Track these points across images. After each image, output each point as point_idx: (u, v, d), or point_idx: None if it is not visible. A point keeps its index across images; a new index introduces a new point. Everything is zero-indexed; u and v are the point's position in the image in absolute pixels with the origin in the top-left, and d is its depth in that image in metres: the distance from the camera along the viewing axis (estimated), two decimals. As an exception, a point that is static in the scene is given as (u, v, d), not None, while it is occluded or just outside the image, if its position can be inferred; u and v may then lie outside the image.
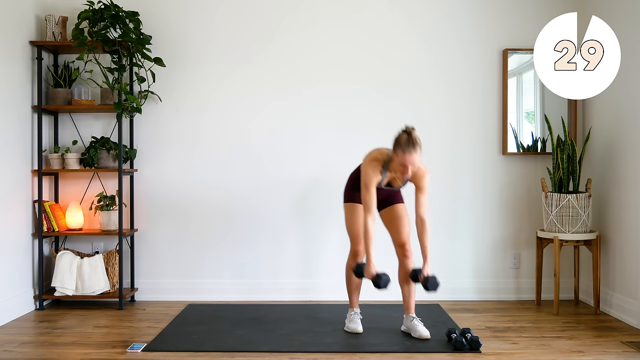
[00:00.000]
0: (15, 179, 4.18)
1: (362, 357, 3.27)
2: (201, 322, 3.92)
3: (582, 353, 3.33)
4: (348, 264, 3.77)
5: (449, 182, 4.63)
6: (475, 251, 4.65)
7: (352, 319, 3.73)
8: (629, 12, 4.01)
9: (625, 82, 3.97)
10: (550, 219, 4.22)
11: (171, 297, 4.59)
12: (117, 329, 3.85)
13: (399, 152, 3.30)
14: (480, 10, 4.62)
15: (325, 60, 4.61)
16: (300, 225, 4.64)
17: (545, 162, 4.61)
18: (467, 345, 3.36)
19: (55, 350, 3.38)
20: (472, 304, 4.50)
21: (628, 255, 4.00)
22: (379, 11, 4.61)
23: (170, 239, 4.63)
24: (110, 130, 4.61)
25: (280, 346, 3.41)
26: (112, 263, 4.40)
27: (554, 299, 4.22)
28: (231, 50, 4.62)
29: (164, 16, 4.60)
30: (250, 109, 4.63)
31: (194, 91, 4.63)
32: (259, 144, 4.63)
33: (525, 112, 4.68)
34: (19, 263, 4.19)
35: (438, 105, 4.63)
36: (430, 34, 4.62)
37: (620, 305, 4.05)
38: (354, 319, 3.72)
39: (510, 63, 4.60)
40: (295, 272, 4.62)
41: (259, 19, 4.61)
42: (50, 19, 4.37)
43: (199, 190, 4.63)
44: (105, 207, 4.39)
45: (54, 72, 4.48)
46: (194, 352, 3.34)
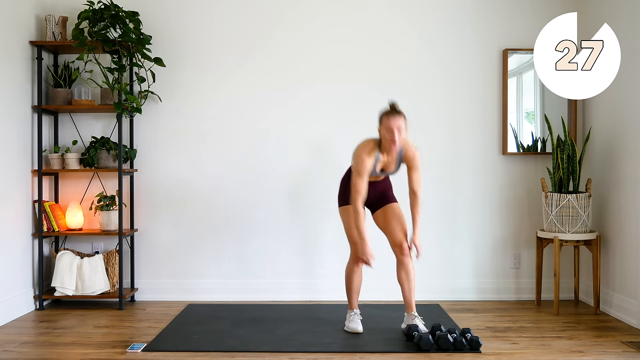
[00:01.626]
0: (15, 179, 4.18)
1: (362, 357, 3.27)
2: (201, 322, 3.92)
3: (582, 353, 3.33)
4: (348, 268, 3.77)
5: (449, 182, 4.63)
6: (475, 251, 4.65)
7: (352, 319, 3.73)
8: (628, 12, 4.01)
9: (625, 82, 3.97)
10: (550, 219, 4.22)
11: (171, 297, 4.59)
12: (117, 329, 3.85)
13: (384, 120, 3.53)
14: (481, 11, 4.62)
15: (325, 59, 4.60)
16: (301, 226, 4.64)
17: (545, 162, 4.61)
18: (467, 345, 3.36)
19: (55, 350, 3.38)
20: (472, 304, 4.50)
21: (628, 255, 4.00)
22: (379, 10, 4.61)
23: (170, 239, 4.63)
24: (110, 130, 4.61)
25: (280, 346, 3.42)
26: (112, 263, 4.41)
27: (554, 299, 4.22)
28: (231, 49, 4.62)
29: (164, 16, 4.60)
30: (250, 108, 4.63)
31: (194, 91, 4.63)
32: (259, 144, 4.63)
33: (525, 112, 4.68)
34: (19, 263, 4.19)
35: (438, 106, 4.63)
36: (430, 34, 4.62)
37: (620, 305, 4.05)
38: (354, 319, 3.73)
39: (510, 63, 4.60)
40: (295, 272, 4.61)
41: (258, 16, 4.61)
42: (50, 19, 4.37)
43: (199, 190, 4.63)
44: (105, 207, 4.39)
45: (54, 72, 4.48)
46: (194, 352, 3.34)
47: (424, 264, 4.62)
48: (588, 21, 4.47)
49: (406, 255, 3.67)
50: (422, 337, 3.33)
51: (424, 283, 4.35)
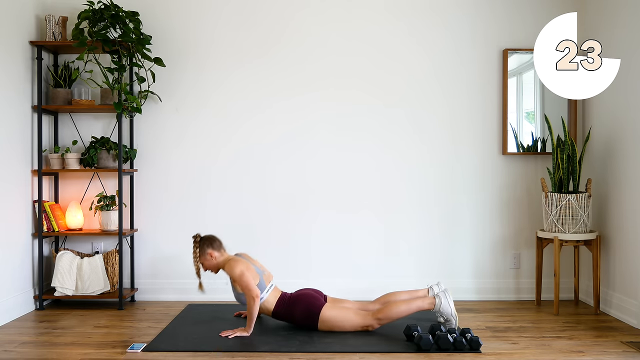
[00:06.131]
0: (15, 179, 4.18)
1: (362, 357, 3.27)
2: (201, 322, 3.92)
3: (582, 353, 3.33)
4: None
5: (448, 182, 4.63)
6: (475, 251, 4.65)
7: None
8: (628, 12, 4.01)
9: (625, 82, 3.97)
10: (550, 219, 4.22)
11: (171, 297, 4.59)
12: (117, 329, 3.85)
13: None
14: (480, 11, 4.62)
15: (327, 62, 4.61)
16: (299, 227, 4.64)
17: (545, 162, 4.61)
18: (467, 345, 3.36)
19: (55, 350, 3.38)
20: (472, 304, 4.50)
21: (628, 255, 4.00)
22: (379, 11, 4.62)
23: (170, 239, 4.64)
24: (110, 130, 4.61)
25: (280, 346, 3.41)
26: (112, 263, 4.40)
27: (554, 299, 4.22)
28: (232, 51, 4.62)
29: (164, 16, 4.60)
30: (250, 110, 4.63)
31: (195, 91, 4.63)
32: (259, 144, 4.63)
33: (525, 112, 4.68)
34: (19, 263, 4.19)
35: (438, 106, 4.63)
36: (430, 34, 4.62)
37: (620, 305, 4.05)
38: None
39: (510, 63, 4.60)
40: (295, 272, 4.61)
41: (261, 21, 4.61)
42: (50, 19, 4.37)
43: (199, 190, 4.64)
44: (105, 207, 4.39)
45: (54, 72, 4.48)
46: (194, 352, 3.34)
47: (424, 264, 4.63)
48: (588, 21, 4.48)
49: (376, 328, 3.68)
50: (422, 337, 3.33)
51: (424, 283, 4.34)
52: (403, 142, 4.63)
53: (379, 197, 4.64)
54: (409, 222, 4.65)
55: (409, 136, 4.64)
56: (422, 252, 4.64)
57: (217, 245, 3.85)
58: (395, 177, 4.65)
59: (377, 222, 4.64)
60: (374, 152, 4.63)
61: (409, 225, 4.65)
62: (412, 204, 4.64)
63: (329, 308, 3.68)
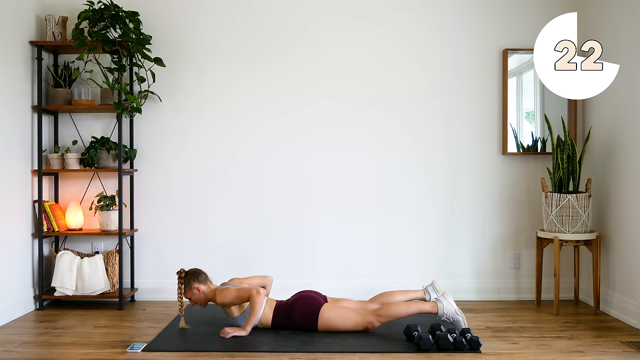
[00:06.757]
0: (15, 179, 4.18)
1: (362, 357, 3.27)
2: (201, 322, 3.92)
3: (582, 353, 3.33)
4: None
5: (448, 182, 4.63)
6: (475, 251, 4.65)
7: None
8: (628, 12, 4.01)
9: (625, 82, 3.97)
10: (550, 219, 4.22)
11: (171, 297, 4.58)
12: (117, 329, 3.85)
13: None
14: (481, 10, 4.62)
15: (329, 67, 4.62)
16: (300, 225, 4.64)
17: (545, 162, 4.61)
18: (467, 345, 3.36)
19: (55, 350, 3.38)
20: (472, 304, 4.50)
21: (628, 255, 4.00)
22: (379, 10, 4.62)
23: (170, 238, 4.64)
24: (110, 130, 4.61)
25: (280, 346, 3.41)
26: (112, 263, 4.40)
27: (554, 299, 4.22)
28: (233, 51, 4.62)
29: (164, 16, 4.60)
30: (251, 112, 4.63)
31: (195, 92, 4.63)
32: (258, 144, 4.63)
33: (525, 112, 4.68)
34: (19, 263, 4.19)
35: (438, 105, 4.63)
36: (430, 34, 4.62)
37: (620, 305, 4.05)
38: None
39: (510, 63, 4.60)
40: (295, 272, 4.61)
41: (267, 21, 4.61)
42: (50, 19, 4.37)
43: (199, 190, 4.64)
44: (105, 207, 4.39)
45: (54, 72, 4.48)
46: (194, 352, 3.34)
47: (424, 264, 4.63)
48: (588, 21, 4.48)
49: (377, 326, 3.65)
50: (422, 337, 3.33)
51: (424, 283, 4.34)
52: (403, 142, 4.63)
53: (379, 197, 4.64)
54: (410, 222, 4.65)
55: (409, 136, 4.64)
56: (423, 252, 4.64)
57: (202, 278, 3.74)
58: (396, 177, 4.65)
59: (377, 222, 4.64)
60: (374, 152, 4.63)
61: (409, 225, 4.65)
62: (412, 204, 4.64)
63: (329, 308, 3.67)
